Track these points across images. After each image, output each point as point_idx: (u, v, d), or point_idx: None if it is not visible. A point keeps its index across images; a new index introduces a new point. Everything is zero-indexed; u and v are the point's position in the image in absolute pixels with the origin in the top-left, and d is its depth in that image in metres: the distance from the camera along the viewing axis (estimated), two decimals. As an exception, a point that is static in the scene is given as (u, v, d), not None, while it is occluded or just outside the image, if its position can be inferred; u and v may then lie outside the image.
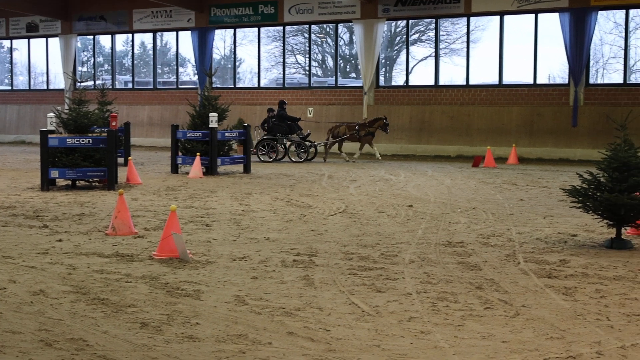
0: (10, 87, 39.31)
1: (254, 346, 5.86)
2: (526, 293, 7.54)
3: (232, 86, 33.42)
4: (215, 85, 32.71)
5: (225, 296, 7.38)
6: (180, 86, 34.79)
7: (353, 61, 33.64)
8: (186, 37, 33.85)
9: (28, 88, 38.70)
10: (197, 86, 32.95)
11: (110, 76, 36.60)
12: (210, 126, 20.08)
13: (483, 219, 12.56)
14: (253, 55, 33.33)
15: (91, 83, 35.04)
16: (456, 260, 9.17)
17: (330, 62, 34.16)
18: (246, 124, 22.46)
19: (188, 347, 5.83)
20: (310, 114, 30.37)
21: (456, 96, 28.25)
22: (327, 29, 33.00)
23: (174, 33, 34.51)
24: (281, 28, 32.26)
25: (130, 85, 36.42)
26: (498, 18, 27.67)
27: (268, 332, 6.21)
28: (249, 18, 31.85)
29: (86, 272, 8.41)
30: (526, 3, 26.63)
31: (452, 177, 19.62)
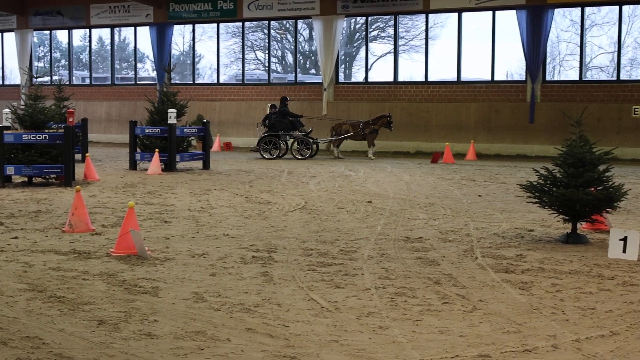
0: (-36, 83, 38.72)
1: (213, 343, 5.84)
2: (483, 288, 7.61)
3: (192, 82, 33.24)
4: (174, 81, 32.53)
5: (183, 293, 7.35)
6: (138, 82, 34.51)
7: (313, 57, 33.66)
8: (145, 33, 33.57)
9: (-17, 83, 38.15)
10: (156, 82, 32.72)
11: (67, 72, 36.18)
12: (169, 122, 19.95)
13: (441, 215, 12.65)
14: (212, 51, 33.20)
15: (48, 79, 34.61)
16: (415, 255, 9.23)
17: (290, 59, 34.14)
18: (205, 120, 22.34)
19: (146, 345, 5.79)
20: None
21: (415, 93, 28.40)
22: (287, 25, 32.98)
23: (132, 28, 34.21)
24: (240, 24, 32.16)
25: (87, 81, 36.01)
26: (456, 15, 27.85)
27: (227, 329, 6.20)
28: (208, 14, 31.69)
29: (42, 270, 8.32)
30: (484, 0, 26.85)
31: (411, 173, 19.73)
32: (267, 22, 31.95)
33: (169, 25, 32.42)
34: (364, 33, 31.38)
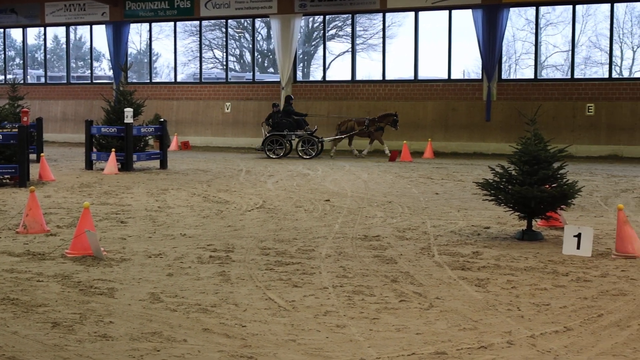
0: None
1: (169, 344, 5.80)
2: (440, 285, 7.66)
3: (149, 81, 32.97)
4: (131, 80, 32.26)
5: (139, 294, 7.29)
6: (95, 81, 34.14)
7: (271, 56, 33.62)
8: (101, 31, 33.20)
9: None
10: (113, 81, 32.41)
11: (21, 70, 35.66)
12: (125, 122, 19.77)
13: (399, 213, 12.70)
14: (169, 49, 32.99)
15: (1, 77, 34.09)
16: (372, 254, 9.26)
17: (248, 57, 34.06)
18: (162, 119, 22.18)
19: (101, 346, 5.73)
20: (227, 110, 30.23)
21: (373, 91, 28.50)
22: (245, 24, 32.88)
23: (88, 27, 33.82)
24: (198, 22, 31.98)
25: (43, 80, 35.56)
26: (413, 14, 28.00)
27: (183, 329, 6.16)
28: (165, 12, 31.46)
29: (-4, 272, 8.20)
30: (440, 0, 27.01)
31: (369, 172, 19.79)
32: (225, 21, 31.82)
33: (126, 23, 32.13)
34: (322, 32, 31.42)
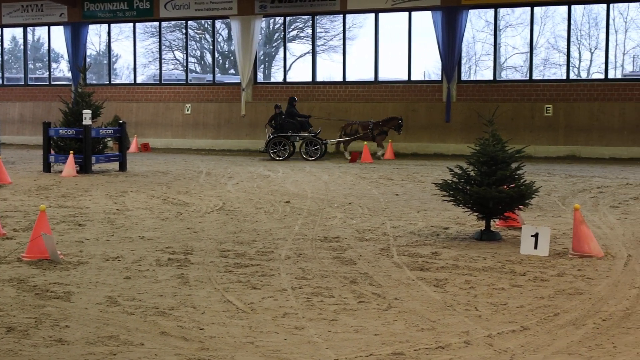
0: None
1: (125, 347, 5.75)
2: (399, 286, 7.69)
3: (108, 82, 32.70)
4: (90, 81, 31.94)
5: (96, 297, 7.22)
6: (53, 82, 33.77)
7: (232, 57, 33.52)
8: (59, 32, 32.85)
9: None
10: (71, 82, 32.08)
11: (-22, 72, 35.19)
12: (83, 123, 19.57)
13: (359, 214, 12.73)
14: (129, 51, 32.75)
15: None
16: (332, 255, 9.26)
17: (208, 59, 33.92)
18: (122, 121, 22.00)
19: (56, 351, 5.67)
20: (188, 111, 30.07)
21: (333, 92, 28.54)
22: (205, 25, 32.75)
23: (46, 28, 33.44)
24: (157, 24, 31.79)
25: (0, 81, 35.09)
26: (373, 16, 28.10)
27: (140, 333, 6.11)
28: (124, 13, 31.22)
29: (-51, 277, 8.06)
30: (400, 1, 27.14)
31: (330, 173, 19.81)
32: (185, 22, 31.67)
33: (84, 24, 31.82)
34: (283, 33, 31.41)
